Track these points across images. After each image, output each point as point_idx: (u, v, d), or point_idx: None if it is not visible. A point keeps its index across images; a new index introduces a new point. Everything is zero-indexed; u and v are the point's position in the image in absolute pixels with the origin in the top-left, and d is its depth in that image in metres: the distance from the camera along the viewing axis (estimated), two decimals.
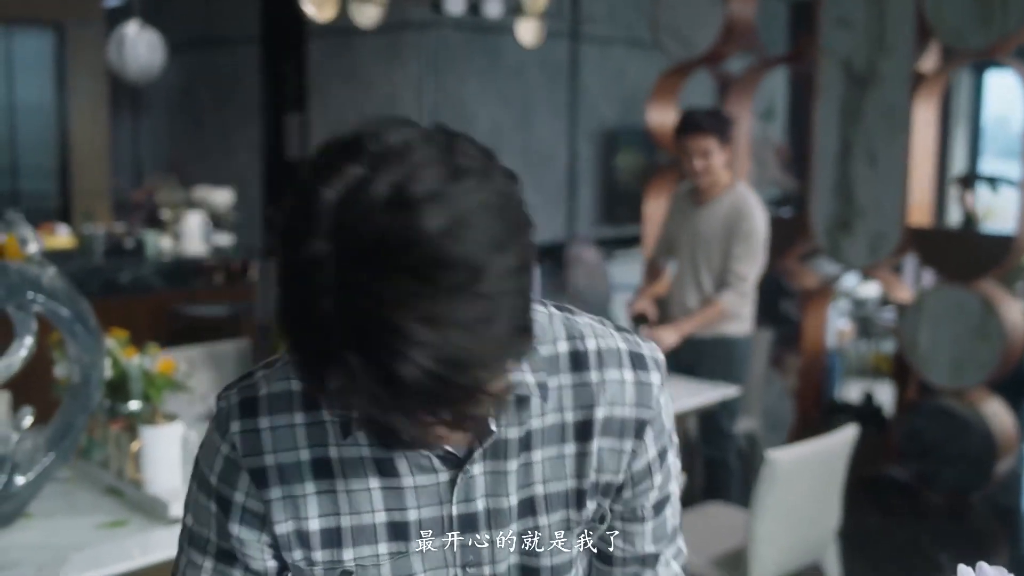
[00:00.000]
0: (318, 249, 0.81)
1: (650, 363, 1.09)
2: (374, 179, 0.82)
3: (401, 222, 0.80)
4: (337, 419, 1.01)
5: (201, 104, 9.36)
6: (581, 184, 8.41)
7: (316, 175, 0.86)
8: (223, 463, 1.04)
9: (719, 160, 3.70)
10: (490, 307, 0.81)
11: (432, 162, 0.83)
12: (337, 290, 0.80)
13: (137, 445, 2.47)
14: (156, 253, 5.64)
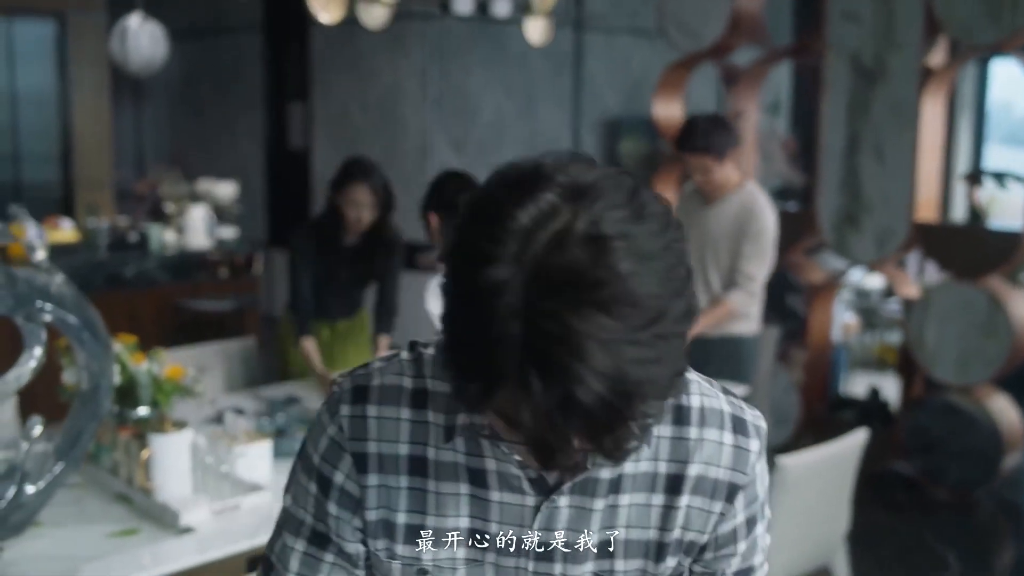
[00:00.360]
0: (507, 272, 0.84)
1: (751, 429, 1.10)
2: (567, 212, 0.85)
3: (595, 259, 0.83)
4: (442, 423, 1.05)
5: (203, 93, 9.32)
6: None
7: (507, 196, 0.87)
8: (328, 443, 1.09)
9: (719, 175, 3.68)
10: (663, 347, 0.85)
11: (622, 203, 0.86)
12: (524, 314, 0.83)
13: (147, 453, 2.46)
14: (160, 247, 5.62)
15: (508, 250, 0.84)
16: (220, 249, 5.68)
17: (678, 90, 5.73)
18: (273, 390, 3.57)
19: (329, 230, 3.58)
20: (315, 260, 3.57)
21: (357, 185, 3.46)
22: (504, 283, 0.83)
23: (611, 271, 0.83)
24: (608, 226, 0.84)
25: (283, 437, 2.86)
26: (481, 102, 7.48)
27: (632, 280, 0.83)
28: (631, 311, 0.83)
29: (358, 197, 3.46)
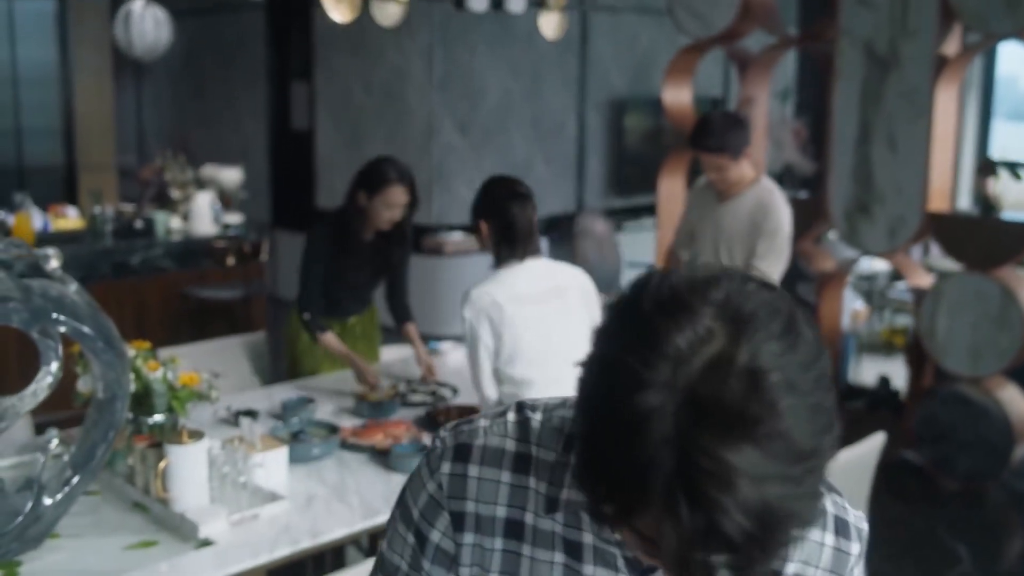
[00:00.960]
0: (660, 398, 0.81)
1: (853, 532, 1.10)
2: (724, 338, 0.82)
3: (751, 392, 0.81)
4: (544, 492, 1.05)
5: (204, 72, 9.24)
6: (590, 154, 8.33)
7: (661, 316, 0.84)
8: (427, 500, 1.10)
9: (734, 173, 3.64)
10: (811, 482, 0.84)
11: (779, 334, 0.84)
12: (677, 443, 0.81)
13: (164, 464, 2.45)
14: (166, 234, 5.59)
15: (662, 375, 0.81)
16: (226, 236, 5.64)
17: (687, 75, 5.68)
18: (285, 389, 3.54)
19: (350, 227, 3.55)
20: (331, 257, 3.57)
21: (396, 187, 3.44)
22: (656, 409, 0.81)
23: (767, 407, 0.80)
24: (766, 359, 0.81)
25: (299, 443, 2.84)
26: (487, 84, 7.42)
27: (787, 417, 0.81)
28: (785, 448, 0.81)
29: (396, 199, 3.45)
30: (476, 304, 2.79)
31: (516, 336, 2.77)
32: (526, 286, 2.84)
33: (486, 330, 2.78)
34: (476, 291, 2.82)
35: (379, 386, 3.45)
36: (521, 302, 2.80)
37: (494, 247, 2.89)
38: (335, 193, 8.10)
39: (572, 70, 8.05)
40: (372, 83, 7.68)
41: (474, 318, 2.78)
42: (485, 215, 2.91)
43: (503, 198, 2.89)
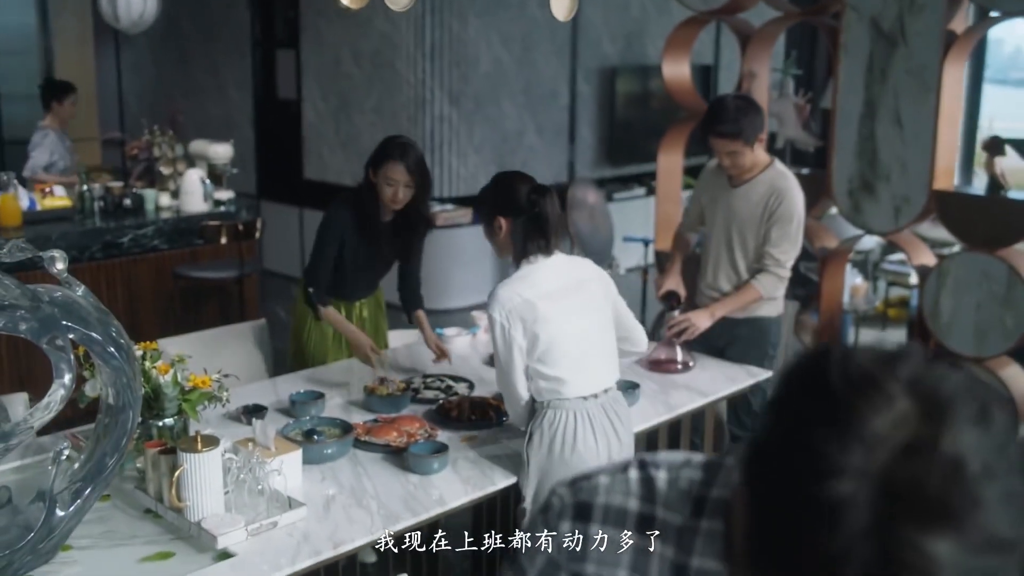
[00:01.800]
0: (855, 485, 0.75)
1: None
2: (920, 423, 0.76)
3: (951, 482, 0.75)
4: (671, 558, 1.01)
5: (187, 40, 9.04)
6: (581, 124, 8.23)
7: (853, 396, 0.77)
8: (545, 562, 1.06)
9: (747, 159, 3.56)
10: (1010, 572, 0.78)
11: (975, 418, 0.77)
12: (875, 534, 0.75)
13: (179, 472, 2.37)
14: (155, 211, 5.47)
15: (856, 460, 0.75)
16: (218, 213, 5.53)
17: (687, 48, 5.58)
18: (291, 382, 3.46)
19: (368, 206, 3.54)
20: (348, 236, 3.55)
21: (393, 164, 3.45)
22: (851, 497, 0.75)
23: (969, 495, 0.75)
24: (965, 444, 0.76)
25: (313, 443, 2.77)
26: (479, 52, 7.29)
27: (988, 506, 0.75)
28: (986, 539, 0.75)
29: (394, 175, 3.44)
30: (506, 305, 2.70)
31: (551, 334, 2.70)
32: (554, 281, 2.76)
33: (519, 331, 2.68)
34: (504, 291, 2.72)
35: (382, 361, 3.43)
36: (552, 298, 2.72)
37: (518, 243, 2.79)
38: (323, 164, 7.97)
39: (563, 38, 7.92)
40: (360, 52, 7.53)
41: (506, 319, 2.69)
42: (505, 211, 2.81)
43: (527, 192, 2.79)
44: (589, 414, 2.71)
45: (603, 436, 2.71)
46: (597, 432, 2.71)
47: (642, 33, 8.60)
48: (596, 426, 2.71)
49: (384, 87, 7.42)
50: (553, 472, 2.67)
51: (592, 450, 2.69)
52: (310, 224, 8.16)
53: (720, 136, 3.51)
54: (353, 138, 7.73)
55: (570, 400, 2.70)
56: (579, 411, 2.70)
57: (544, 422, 2.70)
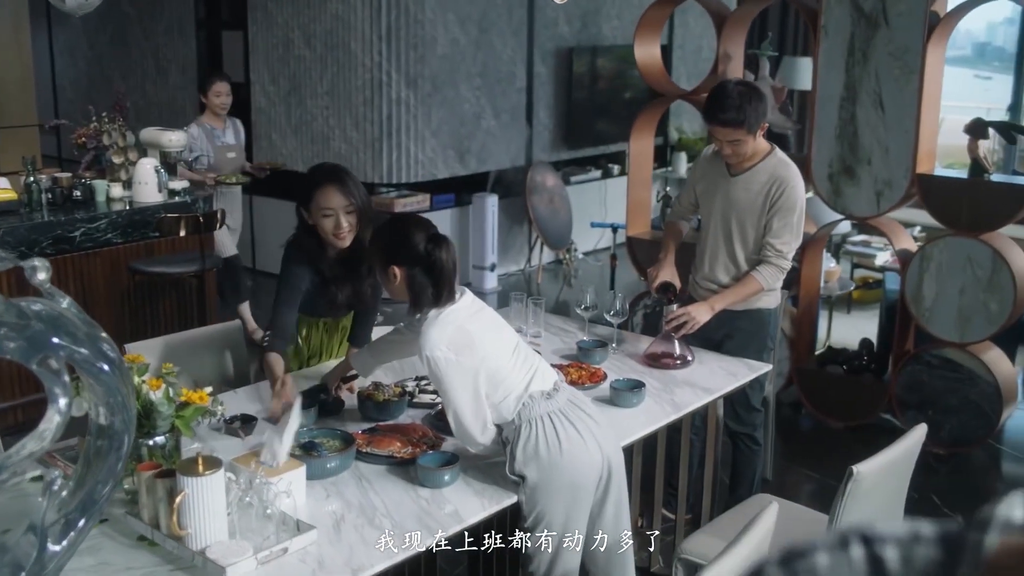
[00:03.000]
0: None
1: None
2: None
3: None
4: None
5: (126, 20, 8.67)
6: (539, 106, 8.07)
7: None
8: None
9: (749, 146, 3.44)
10: None
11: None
12: None
13: (180, 498, 2.18)
14: (107, 203, 5.19)
15: None
16: (174, 204, 5.27)
17: (658, 29, 5.46)
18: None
19: (311, 248, 3.19)
20: (312, 274, 3.21)
21: (323, 191, 3.08)
22: None
23: None
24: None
25: (314, 458, 2.59)
26: (436, 33, 7.07)
27: None
28: None
29: (329, 203, 3.08)
30: (443, 339, 2.51)
31: (490, 351, 2.56)
32: (463, 311, 2.61)
33: (467, 355, 2.51)
34: (433, 330, 2.53)
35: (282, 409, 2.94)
36: (474, 320, 2.59)
37: (413, 294, 2.60)
38: (274, 149, 7.71)
39: (520, 18, 7.74)
40: (313, 33, 7.27)
41: (449, 351, 2.50)
42: (399, 260, 2.60)
43: (423, 241, 2.59)
44: (560, 410, 2.58)
45: (585, 428, 2.59)
46: (577, 426, 2.58)
47: (597, 13, 8.45)
48: (572, 418, 2.59)
49: (338, 69, 7.18)
50: (552, 480, 2.53)
51: (579, 444, 2.56)
52: (260, 211, 7.91)
53: (723, 124, 3.37)
54: (306, 122, 7.48)
55: (536, 402, 2.56)
56: (550, 411, 2.56)
57: (520, 438, 2.55)
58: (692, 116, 9.64)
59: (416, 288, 2.59)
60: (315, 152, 7.43)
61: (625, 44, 8.71)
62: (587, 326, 3.80)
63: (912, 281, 4.70)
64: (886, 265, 6.41)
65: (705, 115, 3.49)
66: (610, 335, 3.76)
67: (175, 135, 5.49)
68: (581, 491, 2.57)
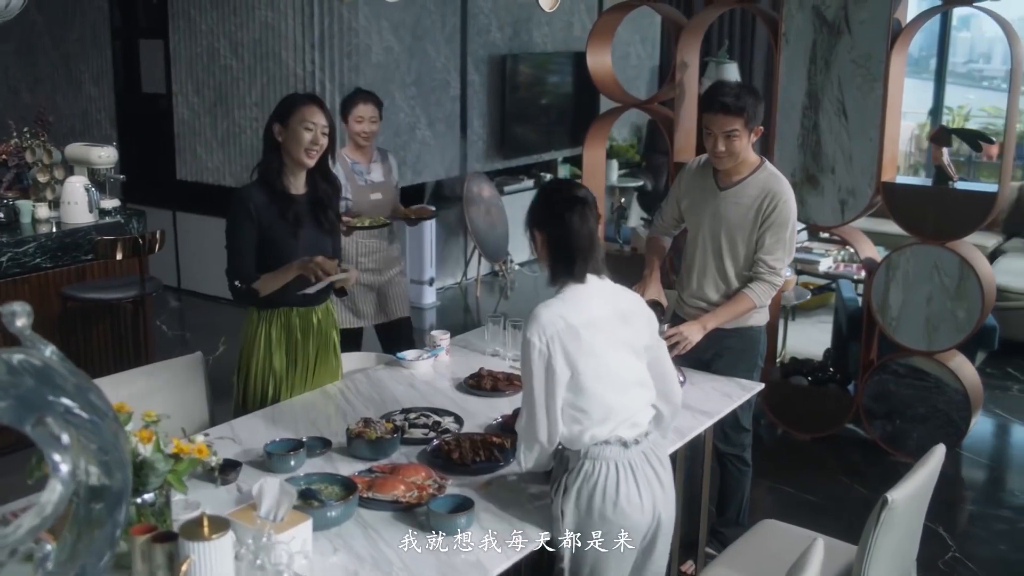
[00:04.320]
0: None
1: None
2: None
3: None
4: None
5: (33, 28, 8.20)
6: (472, 114, 7.89)
7: None
8: None
9: (741, 146, 3.33)
10: None
11: None
12: None
13: (186, 567, 1.95)
14: (32, 225, 4.84)
15: None
16: (106, 224, 4.94)
17: (609, 36, 5.34)
18: (251, 425, 3.02)
19: (276, 179, 3.23)
20: (271, 217, 3.19)
21: (309, 107, 3.18)
22: None
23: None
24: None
25: (316, 507, 2.37)
26: (371, 41, 6.84)
27: None
28: None
29: (314, 118, 3.17)
30: (548, 329, 2.37)
31: (593, 368, 2.38)
32: (598, 308, 2.44)
33: (560, 360, 2.36)
34: (547, 313, 2.39)
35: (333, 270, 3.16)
36: (596, 327, 2.41)
37: (550, 261, 2.48)
38: (199, 163, 7.37)
39: (453, 25, 7.55)
40: (241, 41, 6.97)
41: (546, 345, 2.36)
42: (537, 222, 2.49)
43: (559, 203, 2.47)
44: (631, 464, 2.40)
45: (647, 488, 2.41)
46: (640, 484, 2.40)
47: (528, 20, 8.32)
48: (639, 477, 2.41)
49: (268, 79, 6.89)
50: (593, 529, 2.37)
51: (636, 506, 2.39)
52: (185, 229, 7.56)
53: (723, 110, 3.24)
54: (233, 135, 7.16)
55: (610, 447, 2.39)
56: (620, 461, 2.39)
57: (580, 474, 2.39)
58: (622, 123, 9.59)
59: (553, 255, 2.47)
60: (244, 165, 7.13)
61: (555, 51, 8.60)
62: None
63: (878, 290, 4.66)
64: (832, 272, 6.40)
65: (703, 105, 3.36)
66: None
67: (104, 151, 5.16)
68: (620, 550, 2.41)
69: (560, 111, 8.72)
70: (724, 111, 3.25)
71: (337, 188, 3.45)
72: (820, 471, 4.68)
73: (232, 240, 3.22)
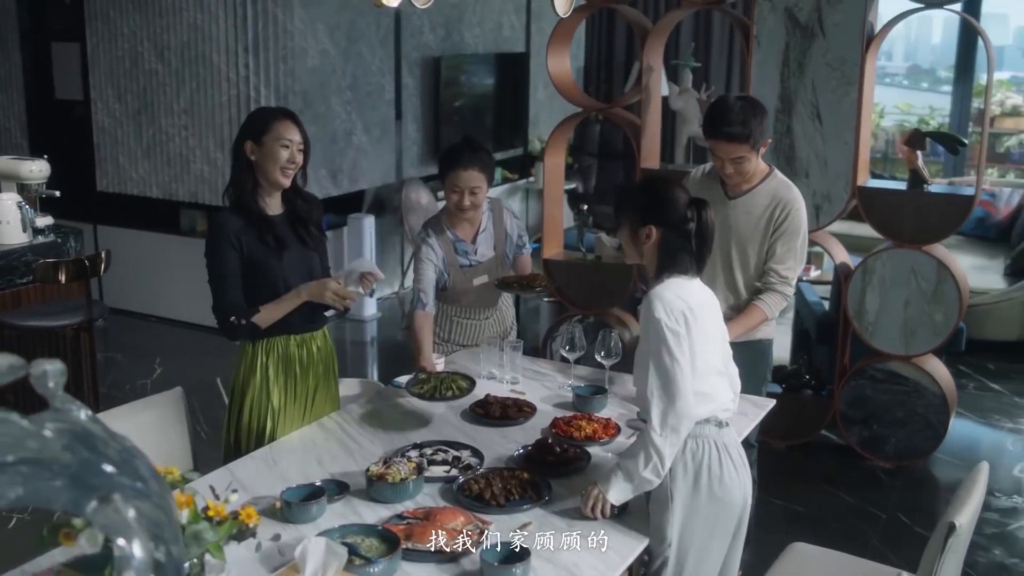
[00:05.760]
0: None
1: None
2: None
3: None
4: None
5: None
6: (407, 119, 7.66)
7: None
8: None
9: (752, 164, 3.21)
10: None
11: None
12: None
13: None
14: None
15: None
16: (41, 244, 4.58)
17: (568, 40, 5.18)
18: (251, 467, 2.78)
19: (251, 200, 2.98)
20: (251, 242, 2.96)
21: (284, 121, 2.97)
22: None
23: None
24: None
25: (362, 565, 2.15)
26: (305, 45, 6.56)
27: None
28: None
29: (288, 134, 2.94)
30: (675, 306, 2.35)
31: (702, 351, 2.40)
32: (698, 295, 2.46)
33: (687, 337, 2.34)
34: (668, 292, 2.38)
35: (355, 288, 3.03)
36: (700, 312, 2.42)
37: (665, 257, 2.45)
38: (122, 174, 6.98)
39: (387, 27, 7.31)
40: (167, 45, 6.60)
41: (676, 323, 2.33)
42: (658, 219, 2.45)
43: (687, 203, 2.46)
44: (727, 444, 2.45)
45: (741, 467, 2.46)
46: (736, 462, 2.45)
47: (460, 20, 8.13)
48: (733, 456, 2.45)
49: (198, 85, 6.54)
50: (700, 510, 2.39)
51: (737, 483, 2.44)
52: (108, 244, 7.14)
53: (728, 139, 3.13)
54: (160, 143, 6.79)
55: (709, 426, 2.42)
56: (718, 440, 2.43)
57: (687, 453, 2.40)
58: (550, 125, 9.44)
59: (667, 250, 2.45)
60: (172, 175, 6.76)
61: (487, 52, 8.42)
62: (572, 368, 3.48)
63: (854, 295, 4.62)
64: None
65: (707, 131, 3.23)
66: (596, 378, 3.46)
67: (36, 164, 4.79)
68: (721, 530, 2.45)
69: (492, 114, 8.56)
70: (729, 140, 3.14)
71: (315, 203, 3.21)
72: (801, 480, 4.62)
73: (216, 273, 2.97)
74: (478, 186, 3.40)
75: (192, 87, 6.55)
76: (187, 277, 6.72)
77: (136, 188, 6.94)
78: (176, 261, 6.77)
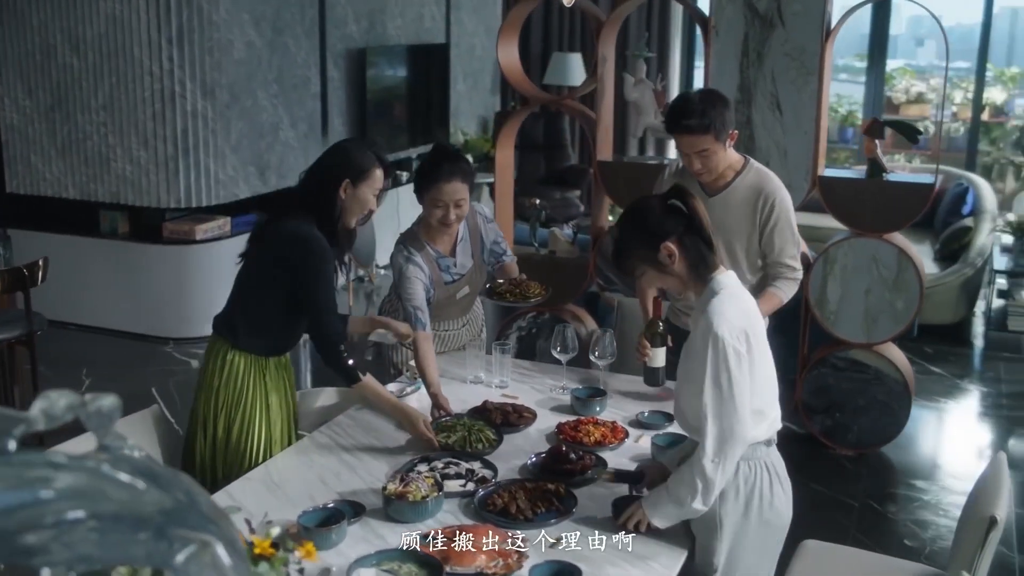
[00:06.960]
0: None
1: None
2: None
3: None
4: None
5: None
6: (333, 113, 7.44)
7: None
8: None
9: (720, 159, 3.15)
10: None
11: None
12: None
13: None
14: None
15: None
16: None
17: (517, 30, 5.07)
18: (251, 489, 2.60)
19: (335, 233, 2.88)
20: None
21: (380, 170, 2.88)
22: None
23: None
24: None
25: None
26: (231, 36, 6.28)
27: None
28: None
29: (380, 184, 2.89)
30: (736, 324, 2.22)
31: (762, 365, 2.29)
32: (746, 300, 2.34)
33: (747, 356, 2.22)
34: (728, 308, 2.23)
35: None
36: (758, 319, 2.33)
37: (692, 263, 2.30)
38: (35, 174, 6.60)
39: (312, 18, 7.07)
40: (82, 37, 6.24)
41: (738, 340, 2.20)
42: (670, 232, 2.28)
43: (664, 199, 2.33)
44: (775, 464, 2.36)
45: (788, 485, 2.38)
46: (784, 484, 2.36)
47: (383, 11, 7.93)
48: (782, 476, 2.37)
49: (118, 79, 6.20)
50: (750, 534, 2.31)
51: (785, 505, 2.36)
52: (20, 246, 6.74)
53: (688, 132, 3.05)
54: (76, 141, 6.42)
55: (761, 447, 2.31)
56: (768, 462, 2.33)
57: (739, 477, 2.29)
58: (470, 116, 9.33)
59: (692, 253, 2.29)
60: (90, 176, 6.41)
61: (409, 44, 8.24)
62: (565, 370, 3.37)
63: (815, 284, 4.63)
64: None
65: (669, 126, 3.16)
66: (589, 379, 3.37)
67: None
68: (770, 552, 2.39)
69: (416, 107, 8.38)
70: (689, 132, 3.07)
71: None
72: None
73: (328, 296, 2.82)
74: (463, 198, 3.21)
75: (112, 82, 6.21)
76: (108, 281, 6.39)
77: (50, 189, 6.56)
78: (96, 265, 6.43)
